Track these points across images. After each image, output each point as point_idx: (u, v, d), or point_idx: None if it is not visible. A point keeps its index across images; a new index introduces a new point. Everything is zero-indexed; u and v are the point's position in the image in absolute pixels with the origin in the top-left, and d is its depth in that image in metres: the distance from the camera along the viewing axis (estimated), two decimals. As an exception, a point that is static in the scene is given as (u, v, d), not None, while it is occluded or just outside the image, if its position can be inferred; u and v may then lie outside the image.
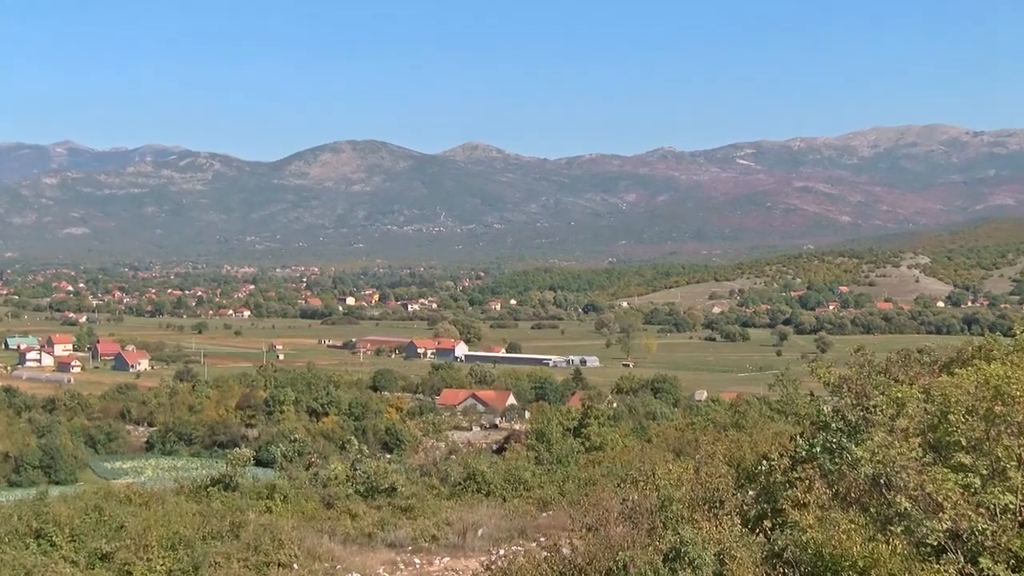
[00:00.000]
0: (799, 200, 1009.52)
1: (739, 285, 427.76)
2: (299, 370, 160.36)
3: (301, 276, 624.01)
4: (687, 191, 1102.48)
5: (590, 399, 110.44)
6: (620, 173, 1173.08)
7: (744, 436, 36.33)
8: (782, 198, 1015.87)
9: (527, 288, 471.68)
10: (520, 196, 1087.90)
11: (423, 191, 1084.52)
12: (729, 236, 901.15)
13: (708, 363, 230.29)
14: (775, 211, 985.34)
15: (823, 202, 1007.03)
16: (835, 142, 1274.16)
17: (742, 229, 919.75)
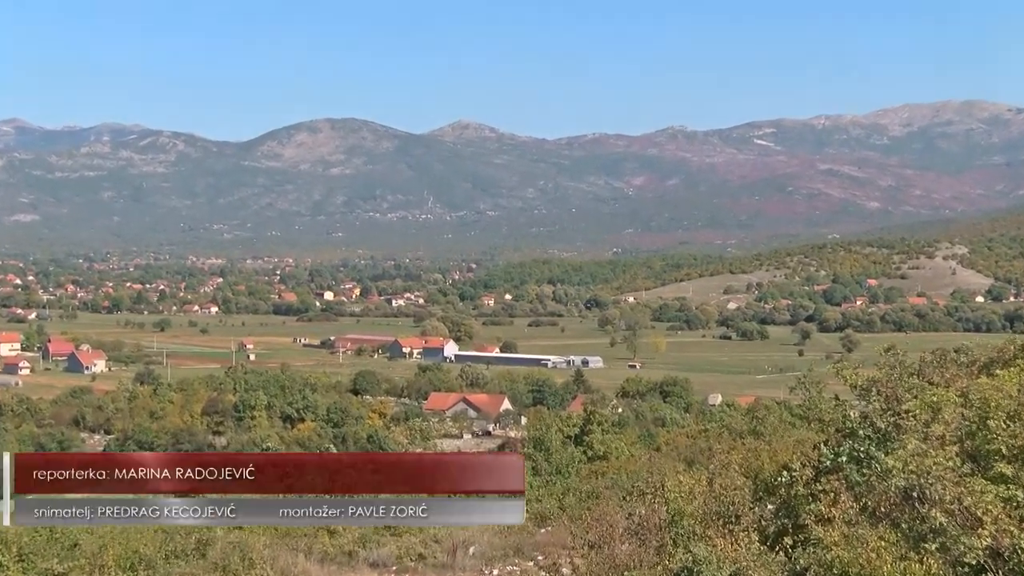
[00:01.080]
0: (823, 184, 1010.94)
1: (757, 278, 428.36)
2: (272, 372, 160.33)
3: (274, 268, 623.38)
4: (700, 174, 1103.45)
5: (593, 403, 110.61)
6: (626, 155, 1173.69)
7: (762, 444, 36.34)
8: (804, 182, 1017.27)
9: (523, 281, 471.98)
10: (516, 180, 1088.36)
11: (409, 174, 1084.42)
12: (746, 224, 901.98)
13: (723, 364, 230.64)
14: (797, 196, 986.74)
15: (850, 186, 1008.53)
16: (863, 120, 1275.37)
17: (760, 216, 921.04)
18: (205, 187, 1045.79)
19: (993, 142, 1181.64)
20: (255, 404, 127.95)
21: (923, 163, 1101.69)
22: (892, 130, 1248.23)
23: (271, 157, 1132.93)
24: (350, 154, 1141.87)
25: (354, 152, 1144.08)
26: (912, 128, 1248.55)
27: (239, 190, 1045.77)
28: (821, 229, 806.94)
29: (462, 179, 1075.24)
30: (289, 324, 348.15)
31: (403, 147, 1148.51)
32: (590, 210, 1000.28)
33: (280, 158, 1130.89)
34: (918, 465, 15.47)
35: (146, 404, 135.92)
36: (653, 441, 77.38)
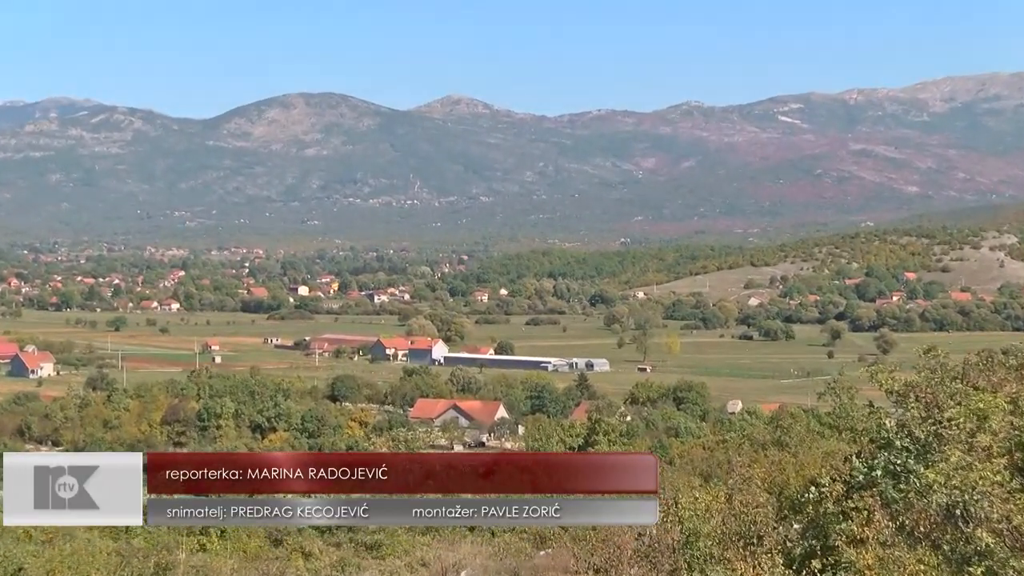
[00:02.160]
0: (856, 166, 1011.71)
1: (781, 271, 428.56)
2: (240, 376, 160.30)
3: (242, 260, 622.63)
4: (717, 155, 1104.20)
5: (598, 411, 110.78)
6: (635, 133, 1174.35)
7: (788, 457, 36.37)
8: (835, 164, 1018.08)
9: (521, 275, 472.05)
10: (512, 162, 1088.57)
11: (392, 155, 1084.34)
12: (769, 211, 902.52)
13: (743, 367, 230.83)
14: (826, 180, 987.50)
15: (885, 169, 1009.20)
16: (900, 95, 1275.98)
17: (785, 202, 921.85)
18: (165, 170, 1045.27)
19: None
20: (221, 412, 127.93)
21: (967, 142, 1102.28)
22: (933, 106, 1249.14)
23: (239, 136, 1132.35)
24: (327, 133, 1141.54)
25: (331, 131, 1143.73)
26: (955, 103, 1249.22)
27: (203, 173, 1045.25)
28: (853, 216, 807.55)
29: (452, 161, 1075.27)
30: (259, 323, 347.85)
31: (386, 125, 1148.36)
32: (595, 195, 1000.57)
33: (249, 137, 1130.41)
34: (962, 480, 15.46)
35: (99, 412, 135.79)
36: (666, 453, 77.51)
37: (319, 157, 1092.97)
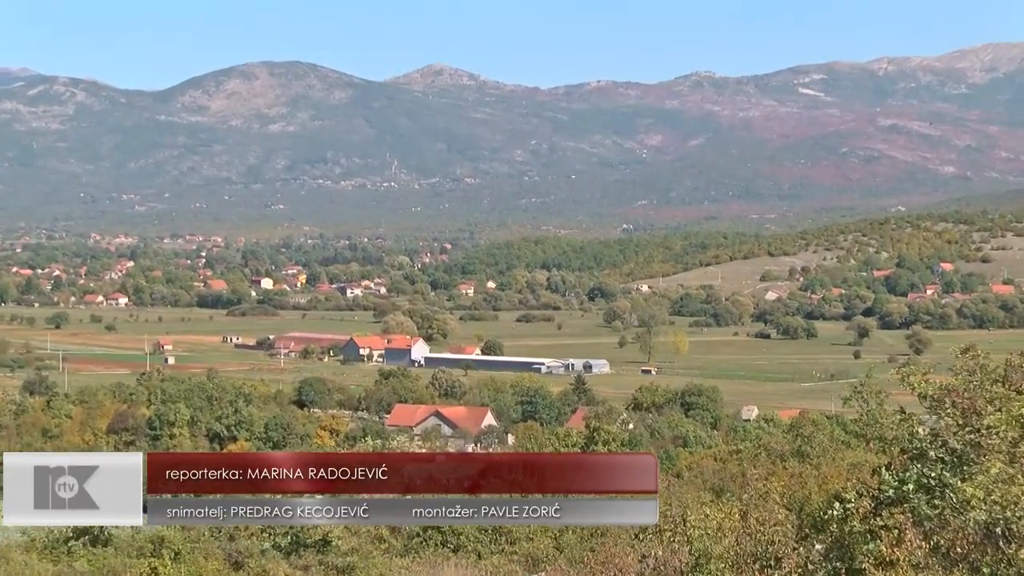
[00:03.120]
0: (885, 144, 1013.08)
1: (802, 262, 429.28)
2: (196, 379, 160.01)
3: (198, 249, 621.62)
4: (731, 132, 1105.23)
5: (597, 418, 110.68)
6: (638, 107, 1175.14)
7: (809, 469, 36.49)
8: (862, 141, 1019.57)
9: (511, 266, 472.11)
10: (501, 139, 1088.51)
11: (367, 132, 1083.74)
12: (789, 194, 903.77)
13: (760, 369, 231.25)
14: (852, 160, 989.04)
15: (919, 147, 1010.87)
16: (936, 64, 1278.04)
17: (807, 185, 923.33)
18: (111, 148, 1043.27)
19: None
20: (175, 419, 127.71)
21: (1011, 117, 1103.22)
22: (972, 76, 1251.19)
23: (194, 110, 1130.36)
24: (293, 107, 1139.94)
25: (298, 104, 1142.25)
26: (997, 74, 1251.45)
27: (154, 152, 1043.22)
28: (882, 200, 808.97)
29: (434, 138, 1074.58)
30: (217, 319, 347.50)
31: (360, 98, 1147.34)
32: (594, 177, 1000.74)
33: (206, 112, 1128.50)
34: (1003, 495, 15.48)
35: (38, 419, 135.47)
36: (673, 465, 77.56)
37: (284, 134, 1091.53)
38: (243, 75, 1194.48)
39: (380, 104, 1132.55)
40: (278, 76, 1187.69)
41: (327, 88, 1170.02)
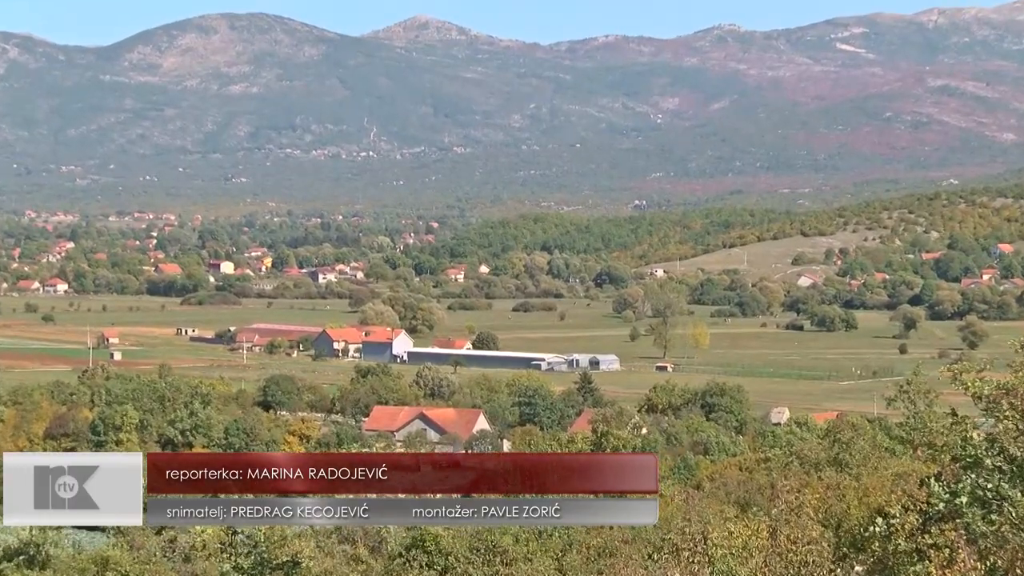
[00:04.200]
0: (936, 108, 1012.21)
1: (840, 242, 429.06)
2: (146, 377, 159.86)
3: (149, 229, 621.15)
4: (758, 94, 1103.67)
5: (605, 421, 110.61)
6: (653, 66, 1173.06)
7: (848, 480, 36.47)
8: (909, 105, 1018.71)
9: (506, 248, 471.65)
10: (496, 102, 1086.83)
11: (342, 94, 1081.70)
12: (825, 165, 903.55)
13: (791, 365, 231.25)
14: (898, 126, 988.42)
15: (974, 111, 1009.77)
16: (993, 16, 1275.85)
17: (845, 154, 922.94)
18: (49, 112, 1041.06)
19: None
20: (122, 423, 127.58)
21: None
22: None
23: (144, 69, 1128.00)
24: (258, 65, 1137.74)
25: (263, 62, 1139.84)
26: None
27: (98, 116, 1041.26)
28: (933, 172, 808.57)
29: (418, 101, 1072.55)
30: (170, 309, 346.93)
31: (334, 55, 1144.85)
32: (602, 145, 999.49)
33: (157, 70, 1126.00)
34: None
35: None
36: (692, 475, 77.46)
37: (247, 96, 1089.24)
38: (199, 29, 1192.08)
39: (356, 62, 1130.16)
40: (240, 30, 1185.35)
41: (296, 44, 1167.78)
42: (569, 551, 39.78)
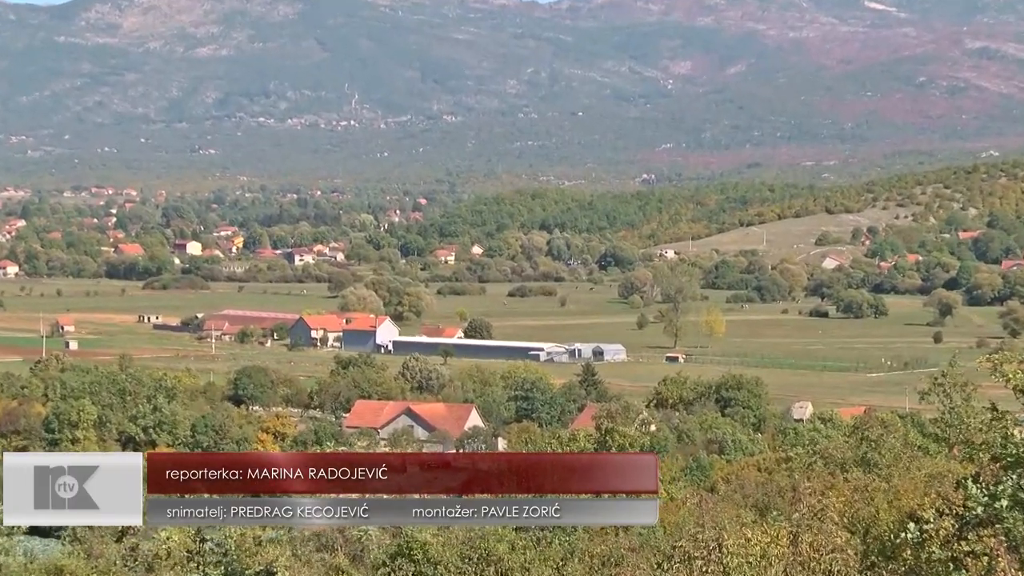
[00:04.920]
0: (974, 72, 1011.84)
1: (869, 220, 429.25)
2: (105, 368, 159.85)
3: (108, 205, 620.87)
4: (779, 57, 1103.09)
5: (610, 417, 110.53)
6: (663, 26, 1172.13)
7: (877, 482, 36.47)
8: (945, 69, 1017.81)
9: (501, 226, 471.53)
10: (489, 66, 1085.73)
11: (320, 57, 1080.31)
12: (853, 135, 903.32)
13: (815, 355, 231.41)
14: (932, 92, 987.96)
15: (1016, 75, 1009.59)
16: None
17: (875, 123, 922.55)
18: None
19: None
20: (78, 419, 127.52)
21: None
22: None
23: (102, 30, 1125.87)
24: (227, 25, 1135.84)
25: (233, 22, 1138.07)
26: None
27: (51, 82, 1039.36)
28: (970, 143, 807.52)
29: (405, 64, 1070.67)
30: (132, 293, 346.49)
31: (311, 14, 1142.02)
32: (606, 114, 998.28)
33: (116, 31, 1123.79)
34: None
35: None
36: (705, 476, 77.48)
37: (216, 59, 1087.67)
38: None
39: (336, 21, 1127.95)
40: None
41: (269, 1, 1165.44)
42: (570, 559, 39.75)
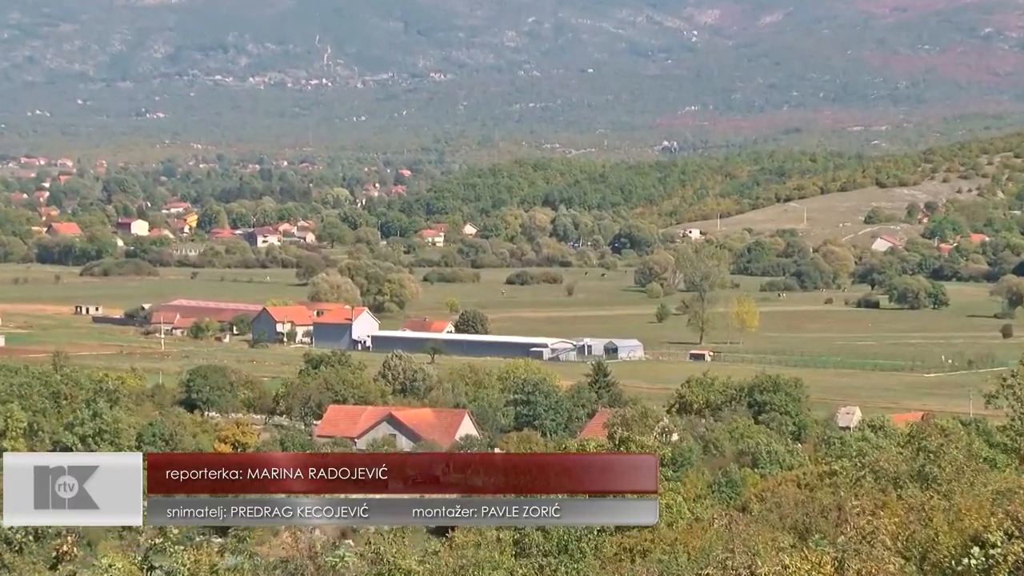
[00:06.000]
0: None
1: (927, 195, 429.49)
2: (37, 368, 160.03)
3: (40, 178, 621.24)
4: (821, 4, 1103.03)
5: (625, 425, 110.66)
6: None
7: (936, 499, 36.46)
8: (1015, 18, 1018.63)
9: (498, 203, 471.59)
10: (484, 15, 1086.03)
11: (287, 4, 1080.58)
12: (907, 96, 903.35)
13: (864, 353, 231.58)
14: (1000, 45, 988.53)
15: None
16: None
17: (933, 81, 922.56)
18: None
19: None
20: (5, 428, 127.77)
21: None
22: None
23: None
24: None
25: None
26: None
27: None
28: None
29: (385, 13, 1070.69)
30: (68, 280, 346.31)
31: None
32: (621, 71, 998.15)
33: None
34: None
35: None
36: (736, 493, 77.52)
37: (165, 7, 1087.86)
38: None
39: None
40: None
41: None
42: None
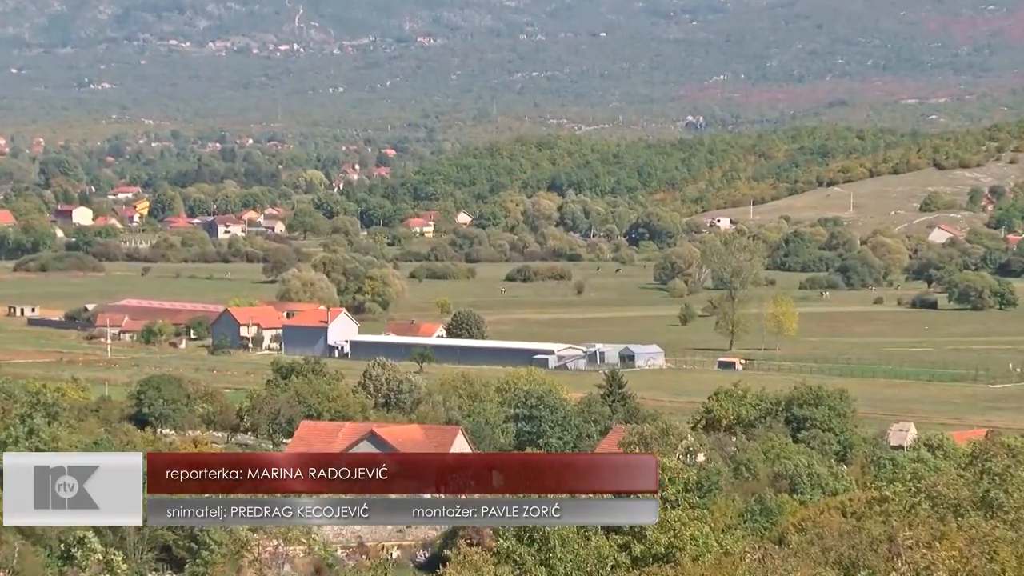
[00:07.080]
0: None
1: (992, 178, 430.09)
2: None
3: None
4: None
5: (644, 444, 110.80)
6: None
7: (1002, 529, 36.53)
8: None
9: (497, 187, 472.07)
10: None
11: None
12: (969, 63, 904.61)
13: (920, 360, 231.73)
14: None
15: None
16: None
17: (999, 47, 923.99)
18: None
19: None
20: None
21: None
22: None
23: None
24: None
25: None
26: None
27: None
28: None
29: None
30: (1, 276, 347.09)
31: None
32: (639, 35, 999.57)
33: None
34: None
35: None
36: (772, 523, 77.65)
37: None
38: None
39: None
40: None
41: None
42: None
